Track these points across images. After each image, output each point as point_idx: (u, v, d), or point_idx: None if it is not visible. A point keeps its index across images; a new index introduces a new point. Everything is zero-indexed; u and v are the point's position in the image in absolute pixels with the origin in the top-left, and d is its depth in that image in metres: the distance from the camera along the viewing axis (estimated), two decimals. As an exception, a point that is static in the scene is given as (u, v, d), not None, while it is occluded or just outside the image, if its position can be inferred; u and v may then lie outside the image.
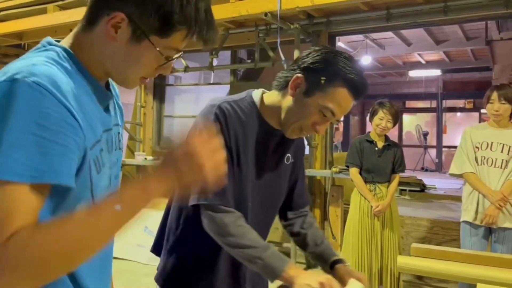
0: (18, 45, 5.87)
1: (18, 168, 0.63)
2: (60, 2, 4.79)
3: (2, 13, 5.21)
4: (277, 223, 1.37)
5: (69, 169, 0.68)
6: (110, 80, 0.88)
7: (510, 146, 2.77)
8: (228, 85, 5.25)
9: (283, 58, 3.99)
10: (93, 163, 0.76)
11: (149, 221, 4.34)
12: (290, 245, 4.16)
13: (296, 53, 3.88)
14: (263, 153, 1.21)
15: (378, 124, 3.12)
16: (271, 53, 4.32)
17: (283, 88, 1.17)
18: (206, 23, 0.80)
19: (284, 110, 1.17)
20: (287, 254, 4.04)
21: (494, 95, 2.81)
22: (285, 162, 1.28)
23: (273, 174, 1.25)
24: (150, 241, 1.37)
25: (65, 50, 0.77)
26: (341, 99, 1.11)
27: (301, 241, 1.33)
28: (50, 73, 0.68)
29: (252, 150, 1.18)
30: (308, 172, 4.19)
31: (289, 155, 1.29)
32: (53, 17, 4.69)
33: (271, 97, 1.21)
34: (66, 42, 0.80)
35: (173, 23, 0.76)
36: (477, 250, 2.65)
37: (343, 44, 8.32)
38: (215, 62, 4.88)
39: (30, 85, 0.65)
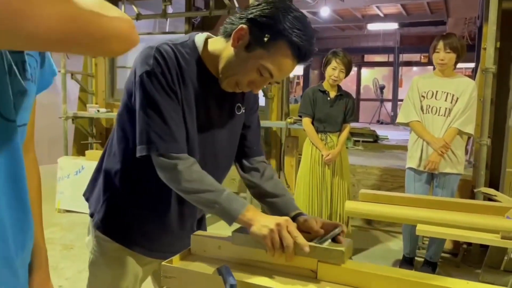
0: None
1: None
2: None
3: None
4: (233, 173, 1.35)
5: None
6: None
7: (453, 95, 2.87)
8: (183, 34, 5.08)
9: (237, 5, 3.88)
10: None
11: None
12: (246, 194, 4.24)
13: (252, 1, 3.78)
14: (208, 103, 1.16)
15: (331, 74, 3.14)
16: (226, 1, 4.19)
17: (228, 35, 1.10)
18: None
19: (223, 60, 1.11)
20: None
21: (440, 44, 2.87)
22: (236, 112, 1.23)
23: (222, 125, 1.20)
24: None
25: None
26: (282, 62, 1.05)
27: (259, 192, 1.28)
28: None
29: (195, 99, 1.13)
30: (264, 123, 4.20)
31: (239, 104, 1.23)
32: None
33: (215, 44, 1.14)
34: None
35: None
36: (420, 195, 2.80)
37: (303, -5, 8.17)
38: (169, 10, 4.68)
39: None
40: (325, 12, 8.77)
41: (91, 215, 1.27)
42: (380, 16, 10.48)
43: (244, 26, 1.05)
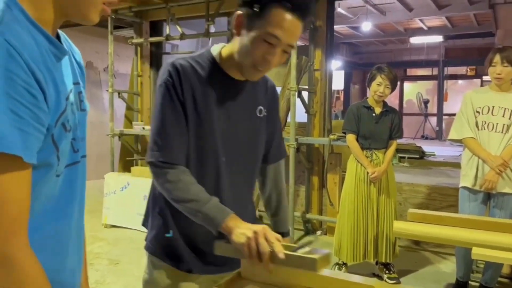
0: None
1: None
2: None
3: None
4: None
5: (26, 144, 0.65)
6: (61, 34, 0.82)
7: (511, 111, 2.73)
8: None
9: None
10: (58, 129, 0.72)
11: (148, 190, 4.35)
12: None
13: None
14: (229, 107, 1.19)
15: (376, 90, 3.07)
16: (268, 19, 4.22)
17: (233, 34, 1.14)
18: None
19: (236, 54, 1.13)
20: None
21: (497, 57, 2.74)
22: (258, 114, 1.26)
23: (246, 127, 1.23)
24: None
25: (13, 1, 0.69)
26: (280, 20, 1.05)
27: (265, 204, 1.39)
28: (17, 33, 0.64)
29: (215, 105, 1.16)
30: (306, 140, 4.17)
31: (261, 107, 1.26)
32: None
33: (228, 47, 1.18)
34: None
35: None
36: (475, 215, 2.66)
37: (343, 10, 8.14)
38: (211, 29, 4.77)
39: (2, 46, 0.61)
40: (366, 27, 8.68)
41: (146, 238, 1.29)
42: (423, 29, 10.26)
43: (239, 12, 1.10)
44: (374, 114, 3.13)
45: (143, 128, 5.23)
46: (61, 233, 0.80)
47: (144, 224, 1.33)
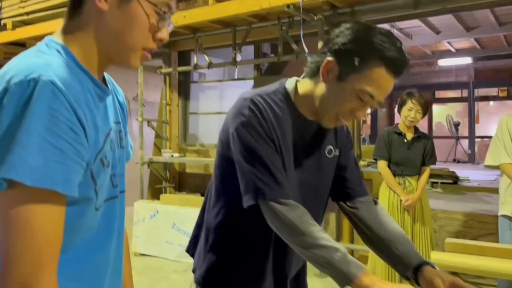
0: (46, 48, 6.00)
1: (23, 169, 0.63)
2: (85, 3, 4.85)
3: (30, 16, 5.33)
4: (327, 218, 1.30)
5: (67, 177, 0.67)
6: (106, 76, 0.87)
7: (551, 135, 2.62)
8: (252, 80, 5.20)
9: (306, 50, 3.91)
10: (97, 165, 0.75)
11: (177, 218, 4.37)
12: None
13: (321, 45, 3.78)
14: (299, 148, 1.14)
15: (407, 115, 3.02)
16: (294, 46, 4.25)
17: (315, 75, 1.09)
18: None
19: (318, 99, 1.09)
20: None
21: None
22: (327, 155, 1.20)
23: (313, 169, 1.17)
24: (179, 237, 1.35)
25: (63, 47, 0.76)
26: (379, 80, 1.01)
27: (370, 238, 1.18)
28: (62, 75, 0.69)
29: (290, 145, 1.11)
30: (336, 166, 4.10)
31: (330, 147, 1.20)
32: (78, 18, 4.75)
33: (304, 86, 1.13)
34: (59, 37, 0.78)
35: None
36: (517, 245, 2.52)
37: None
38: (238, 58, 4.84)
39: (46, 85, 0.65)
40: (393, 50, 8.60)
41: (193, 271, 1.25)
42: (451, 51, 10.12)
43: (330, 58, 1.04)
44: (405, 140, 3.07)
45: (172, 155, 5.29)
46: (99, 264, 0.82)
47: (190, 252, 1.29)
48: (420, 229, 3.03)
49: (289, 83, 1.15)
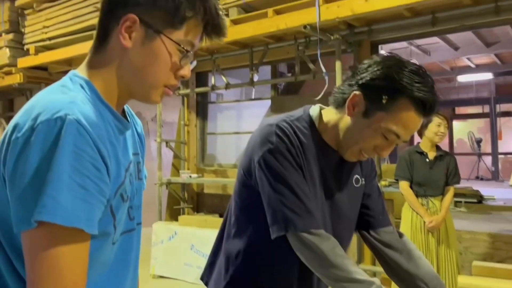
0: (68, 71, 6.14)
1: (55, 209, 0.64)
2: (105, 28, 4.95)
3: (53, 41, 5.48)
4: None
5: (90, 215, 0.68)
6: (126, 108, 0.87)
7: None
8: (269, 100, 5.21)
9: (324, 70, 3.90)
10: (117, 199, 0.75)
11: (195, 240, 4.34)
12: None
13: (338, 65, 3.78)
14: (327, 177, 1.11)
15: (436, 130, 2.98)
16: (311, 66, 4.25)
17: (340, 105, 1.07)
18: (214, 9, 0.79)
19: (342, 131, 1.06)
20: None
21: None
22: (354, 184, 1.16)
23: (343, 199, 1.14)
24: (197, 259, 1.33)
25: (86, 82, 0.77)
26: (407, 120, 0.98)
27: (399, 273, 1.14)
28: (87, 112, 0.70)
29: (314, 173, 1.08)
30: (355, 186, 4.03)
31: (357, 176, 1.17)
32: (99, 42, 4.85)
33: (329, 114, 1.11)
34: (82, 71, 0.79)
35: (183, 11, 0.76)
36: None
37: (386, 53, 8.09)
38: (255, 78, 4.86)
39: (72, 124, 0.66)
40: (411, 67, 8.53)
41: None
42: (471, 67, 9.99)
43: (357, 92, 1.02)
44: (427, 160, 3.01)
45: (190, 176, 5.29)
46: None
47: (205, 279, 1.25)
48: (445, 252, 2.93)
49: (313, 110, 1.13)
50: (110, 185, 0.72)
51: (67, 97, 0.71)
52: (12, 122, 0.70)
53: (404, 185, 3.02)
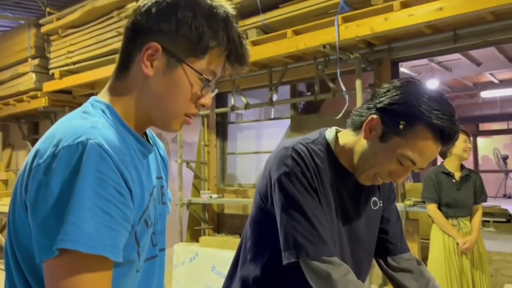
0: (91, 94, 6.29)
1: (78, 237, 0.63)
2: (127, 52, 5.07)
3: (76, 65, 5.62)
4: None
5: (115, 242, 0.66)
6: (149, 131, 0.87)
7: None
8: (289, 119, 5.20)
9: (344, 89, 3.87)
10: (141, 226, 0.73)
11: (217, 261, 4.30)
12: None
13: (358, 83, 3.75)
14: (345, 200, 1.09)
15: (464, 146, 2.92)
16: (331, 85, 4.23)
17: (357, 128, 1.06)
18: (238, 39, 0.78)
19: (358, 154, 1.05)
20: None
21: None
22: (372, 207, 1.14)
23: (361, 222, 1.12)
24: (218, 281, 1.31)
25: (108, 107, 0.76)
26: (423, 147, 0.96)
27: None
28: (108, 137, 0.69)
29: (330, 197, 1.07)
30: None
31: (375, 198, 1.15)
32: (121, 66, 4.95)
33: (346, 137, 1.10)
34: (104, 97, 0.79)
35: (206, 40, 0.75)
36: None
37: (406, 70, 8.04)
38: (274, 97, 4.87)
39: (94, 149, 0.65)
40: (433, 84, 8.46)
41: None
42: (494, 82, 9.81)
43: (375, 116, 1.01)
44: (454, 180, 2.94)
45: (210, 196, 5.28)
46: None
47: None
48: (479, 274, 2.83)
49: (329, 133, 1.12)
50: (134, 210, 0.70)
51: (88, 122, 0.70)
52: (34, 149, 0.70)
53: (432, 207, 2.95)
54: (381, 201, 1.17)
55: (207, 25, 0.75)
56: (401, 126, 0.97)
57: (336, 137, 1.12)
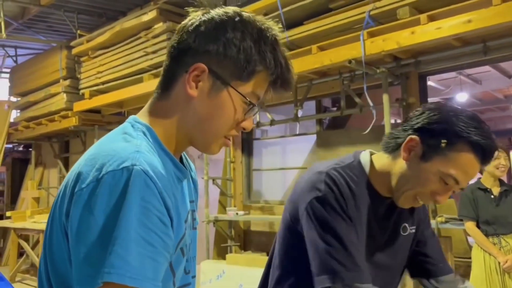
0: (119, 113, 6.43)
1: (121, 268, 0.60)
2: (154, 71, 5.18)
3: (105, 85, 5.77)
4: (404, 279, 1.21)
5: (157, 273, 0.63)
6: (183, 155, 0.85)
7: None
8: (315, 135, 5.16)
9: (371, 104, 3.82)
10: (177, 255, 0.72)
11: (244, 279, 4.25)
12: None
13: (385, 98, 3.70)
14: (374, 226, 1.08)
15: (497, 164, 2.82)
16: (357, 100, 4.19)
17: (393, 150, 1.05)
18: (285, 64, 0.76)
19: (396, 176, 1.03)
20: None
21: None
22: (402, 233, 1.13)
23: (388, 248, 1.10)
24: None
25: (148, 129, 0.74)
26: (466, 165, 0.96)
27: None
28: (153, 162, 0.67)
29: (364, 223, 1.05)
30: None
31: (405, 225, 1.13)
32: (149, 85, 5.06)
33: (381, 160, 1.09)
34: (144, 117, 0.77)
35: (254, 64, 0.73)
36: None
37: (434, 83, 7.89)
38: (300, 113, 4.85)
39: (140, 175, 0.63)
40: (462, 98, 8.28)
41: None
42: (526, 94, 9.52)
43: (414, 136, 1.00)
44: (492, 196, 2.83)
45: (237, 213, 5.26)
46: None
47: None
48: (520, 293, 2.70)
49: (364, 158, 1.11)
50: (173, 239, 0.68)
51: (132, 145, 0.68)
52: (74, 171, 0.68)
53: (470, 225, 2.85)
54: (413, 227, 1.16)
55: (255, 48, 0.73)
56: (442, 145, 0.97)
57: (371, 161, 1.11)
